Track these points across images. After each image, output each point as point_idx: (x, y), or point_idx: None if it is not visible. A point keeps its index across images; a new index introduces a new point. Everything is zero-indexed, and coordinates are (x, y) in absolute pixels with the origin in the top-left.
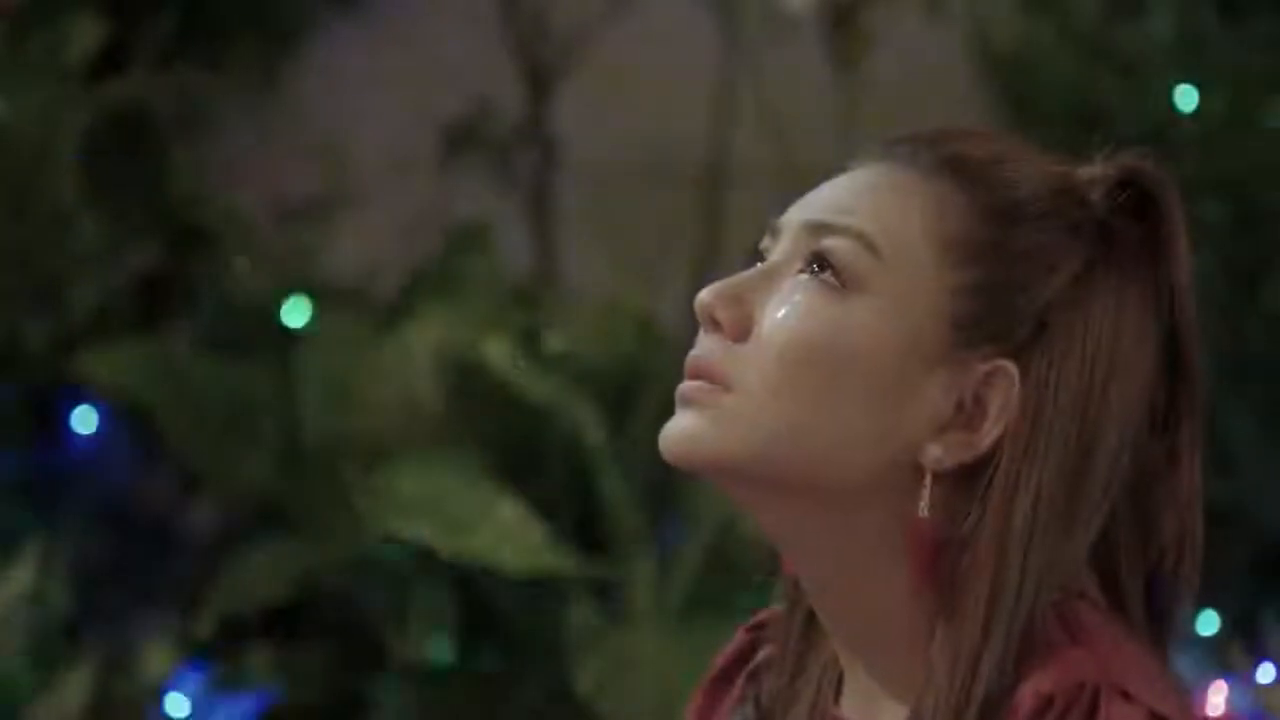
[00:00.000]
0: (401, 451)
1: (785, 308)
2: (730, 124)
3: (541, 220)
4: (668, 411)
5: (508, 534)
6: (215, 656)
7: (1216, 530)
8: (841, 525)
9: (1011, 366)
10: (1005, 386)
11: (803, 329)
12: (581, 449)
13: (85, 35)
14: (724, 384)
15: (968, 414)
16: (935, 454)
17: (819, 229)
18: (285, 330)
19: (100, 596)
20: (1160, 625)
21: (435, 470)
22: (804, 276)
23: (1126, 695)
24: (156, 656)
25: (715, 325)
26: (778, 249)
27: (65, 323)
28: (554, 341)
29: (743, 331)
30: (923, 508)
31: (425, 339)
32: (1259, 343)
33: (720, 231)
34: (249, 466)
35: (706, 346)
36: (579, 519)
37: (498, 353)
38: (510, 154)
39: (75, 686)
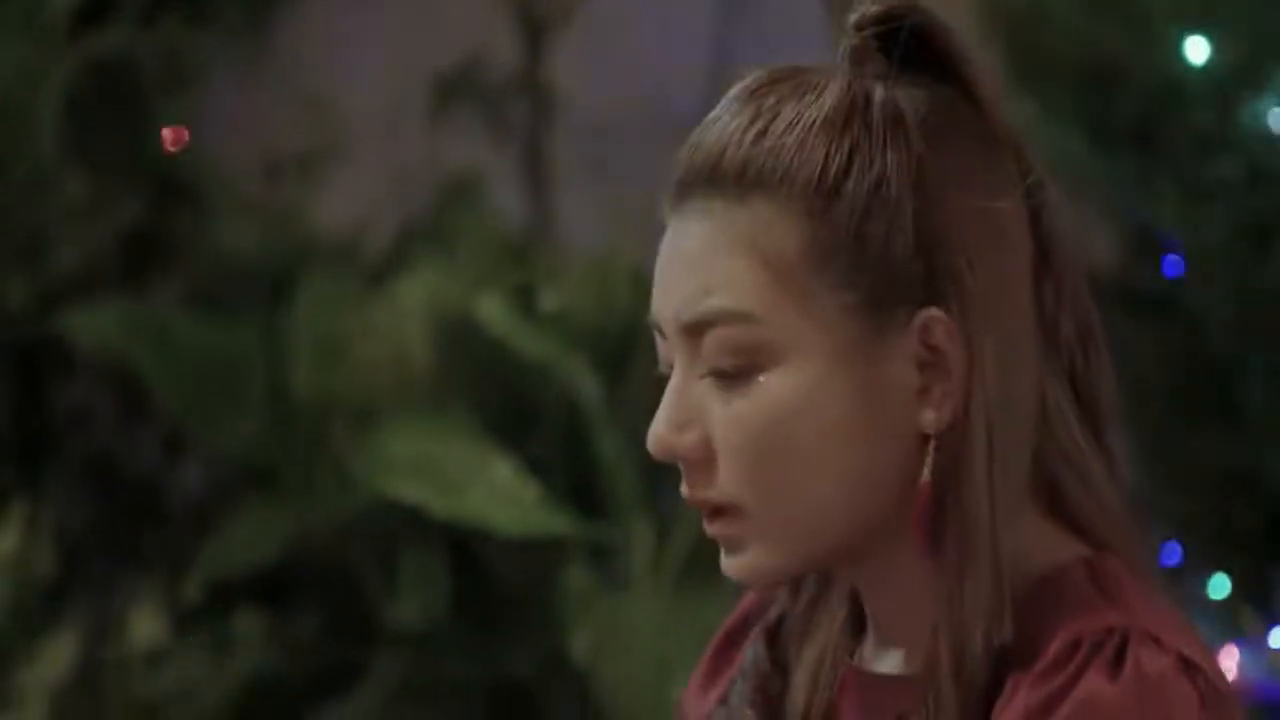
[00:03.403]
0: (392, 411)
1: (721, 426)
2: (728, 77)
3: (536, 174)
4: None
5: (501, 495)
6: (203, 621)
7: (1228, 493)
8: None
9: (932, 311)
10: (942, 330)
11: (749, 437)
12: (577, 408)
13: None
14: (734, 512)
15: (933, 365)
16: (930, 417)
17: (693, 329)
18: (273, 287)
19: (86, 560)
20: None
21: (427, 430)
22: (711, 383)
23: (1157, 641)
24: (143, 621)
25: (683, 460)
26: (675, 354)
27: (48, 280)
28: (548, 298)
29: (708, 453)
30: (925, 473)
31: (417, 295)
32: (1271, 303)
33: None
34: (237, 427)
35: (692, 481)
36: (574, 480)
37: (491, 310)
38: (504, 106)
39: (60, 652)
